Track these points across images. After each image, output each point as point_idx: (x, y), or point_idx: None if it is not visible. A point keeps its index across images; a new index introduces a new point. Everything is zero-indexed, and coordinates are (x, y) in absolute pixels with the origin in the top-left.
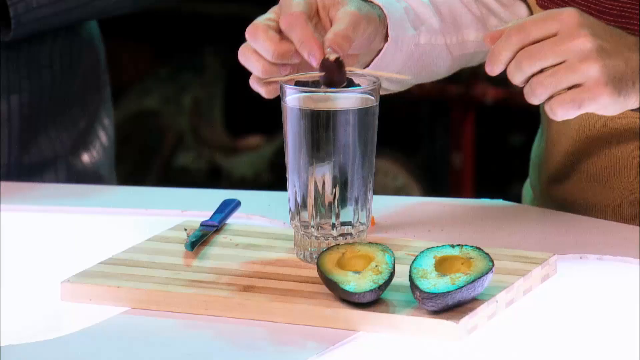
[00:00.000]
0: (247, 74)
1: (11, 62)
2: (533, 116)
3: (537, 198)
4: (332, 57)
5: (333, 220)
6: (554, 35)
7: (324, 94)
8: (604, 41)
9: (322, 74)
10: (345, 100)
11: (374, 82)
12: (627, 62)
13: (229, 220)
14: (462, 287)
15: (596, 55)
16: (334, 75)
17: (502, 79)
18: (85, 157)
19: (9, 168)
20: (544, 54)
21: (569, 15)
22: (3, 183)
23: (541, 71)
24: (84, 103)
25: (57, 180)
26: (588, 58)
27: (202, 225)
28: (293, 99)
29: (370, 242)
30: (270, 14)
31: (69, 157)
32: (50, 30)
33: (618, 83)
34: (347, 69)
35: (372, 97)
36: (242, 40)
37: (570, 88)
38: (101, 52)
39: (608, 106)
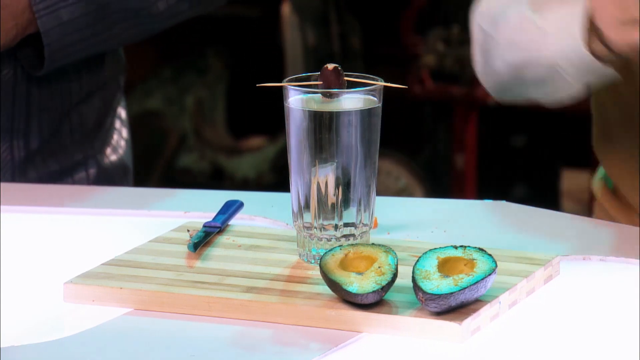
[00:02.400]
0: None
1: (42, 83)
2: (535, 117)
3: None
4: (331, 66)
5: (336, 221)
6: None
7: (327, 95)
8: None
9: (321, 82)
10: (348, 101)
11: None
12: None
13: (232, 222)
14: (465, 288)
15: None
16: (333, 83)
17: None
18: (112, 153)
19: (40, 177)
20: None
21: None
22: (5, 184)
23: None
24: (108, 103)
25: (88, 178)
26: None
27: (204, 226)
28: (296, 100)
29: (373, 243)
30: None
31: (98, 156)
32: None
33: None
34: (346, 78)
35: (375, 98)
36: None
37: None
38: (121, 51)
39: None
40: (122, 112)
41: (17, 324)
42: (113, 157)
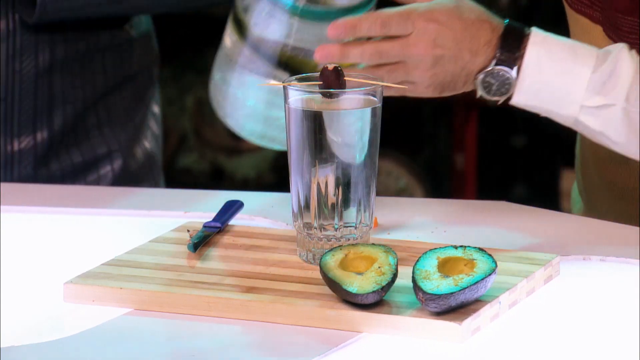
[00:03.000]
0: None
1: (66, 74)
2: (536, 118)
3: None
4: (331, 66)
5: (336, 221)
6: (407, 35)
7: (327, 95)
8: (447, 49)
9: (321, 82)
10: (348, 101)
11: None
12: (464, 67)
13: (232, 222)
14: (465, 288)
15: (430, 65)
16: (333, 83)
17: None
18: (139, 148)
19: (63, 170)
20: (392, 55)
21: (425, 22)
22: (5, 184)
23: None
24: (139, 97)
25: (113, 172)
26: (423, 67)
27: (204, 226)
28: (296, 100)
29: (373, 243)
30: None
31: (124, 150)
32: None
33: (446, 85)
34: (346, 77)
35: (375, 99)
36: None
37: None
38: (153, 42)
39: (430, 96)
40: (155, 107)
41: (17, 324)
42: (140, 152)
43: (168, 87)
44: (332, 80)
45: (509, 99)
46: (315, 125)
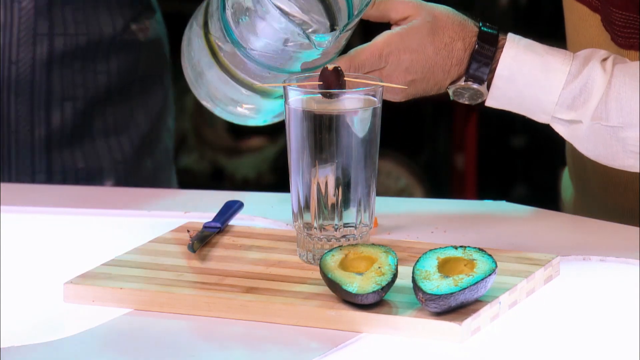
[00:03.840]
0: None
1: (66, 70)
2: None
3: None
4: (331, 66)
5: (336, 221)
6: (381, 69)
7: (327, 95)
8: (419, 74)
9: (321, 83)
10: (348, 101)
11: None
12: (437, 83)
13: (232, 222)
14: (465, 288)
15: (402, 90)
16: (333, 84)
17: None
18: (147, 161)
19: (65, 174)
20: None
21: (397, 55)
22: (5, 184)
23: None
24: (147, 105)
25: (118, 185)
26: (395, 92)
27: (205, 226)
28: (296, 100)
29: (373, 244)
30: None
31: (130, 162)
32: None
33: (418, 96)
34: (346, 77)
35: (375, 99)
36: None
37: None
38: (165, 48)
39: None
40: (169, 121)
41: (17, 324)
42: (148, 166)
43: None
44: (332, 81)
45: (483, 102)
46: (315, 126)
